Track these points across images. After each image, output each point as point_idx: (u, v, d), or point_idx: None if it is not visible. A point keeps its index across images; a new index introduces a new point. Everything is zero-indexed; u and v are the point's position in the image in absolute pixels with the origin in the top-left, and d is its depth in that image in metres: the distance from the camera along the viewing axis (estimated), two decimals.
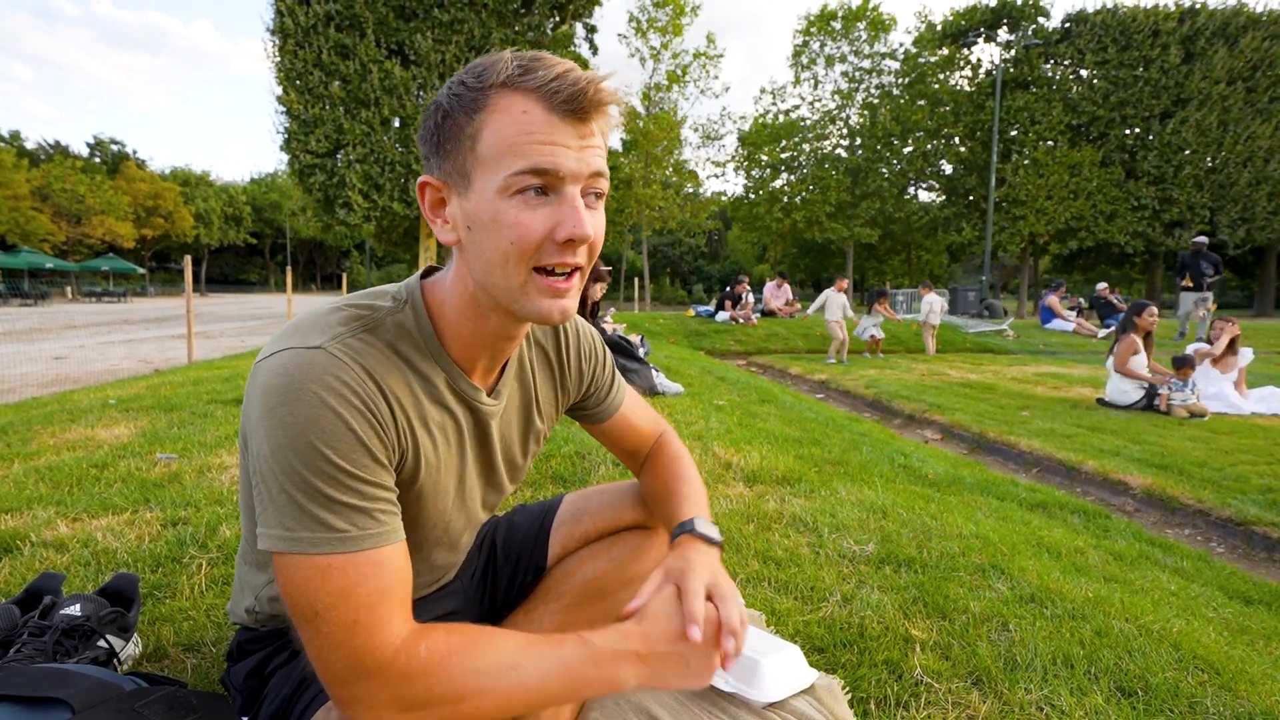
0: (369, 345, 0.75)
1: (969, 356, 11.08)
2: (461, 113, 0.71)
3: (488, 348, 0.84)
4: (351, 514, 0.68)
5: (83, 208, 37.29)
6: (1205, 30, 23.66)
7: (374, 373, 0.73)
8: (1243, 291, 40.76)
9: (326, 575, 0.67)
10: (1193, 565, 2.56)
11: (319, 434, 0.67)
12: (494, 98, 0.70)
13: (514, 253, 0.70)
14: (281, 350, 0.71)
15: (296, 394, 0.67)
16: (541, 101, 0.69)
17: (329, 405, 0.68)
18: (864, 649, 1.33)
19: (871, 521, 2.15)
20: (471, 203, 0.72)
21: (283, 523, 0.67)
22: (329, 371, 0.69)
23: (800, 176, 29.82)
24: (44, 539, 1.81)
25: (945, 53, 27.42)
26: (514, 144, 0.69)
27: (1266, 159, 24.07)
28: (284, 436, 0.67)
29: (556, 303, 0.74)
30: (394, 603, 0.69)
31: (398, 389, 0.76)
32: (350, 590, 0.67)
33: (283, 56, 15.60)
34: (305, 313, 0.78)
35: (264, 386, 0.69)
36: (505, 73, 0.70)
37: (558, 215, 0.70)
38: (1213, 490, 3.59)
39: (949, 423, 5.44)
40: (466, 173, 0.72)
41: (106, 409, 3.77)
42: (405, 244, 21.10)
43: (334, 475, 0.67)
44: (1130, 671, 1.31)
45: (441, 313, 0.82)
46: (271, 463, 0.68)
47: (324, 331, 0.73)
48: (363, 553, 0.68)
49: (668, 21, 26.56)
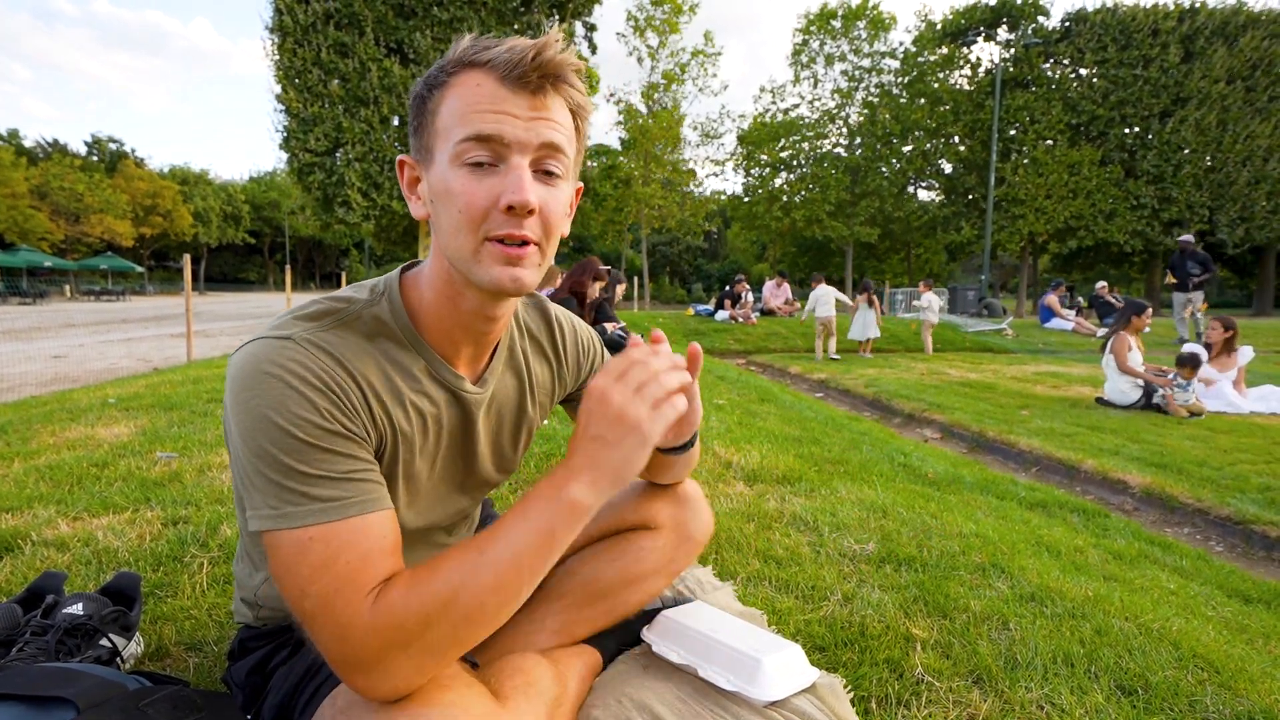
0: (341, 338, 0.76)
1: (968, 355, 11.09)
2: (427, 91, 0.75)
3: (469, 330, 0.84)
4: (324, 485, 0.69)
5: (81, 206, 37.23)
6: (1205, 29, 23.67)
7: (344, 361, 0.75)
8: (1241, 291, 40.82)
9: (308, 548, 0.67)
10: (1192, 564, 2.57)
11: (282, 412, 0.68)
12: (454, 74, 0.74)
13: (463, 220, 0.72)
14: (251, 341, 0.73)
15: (260, 377, 0.69)
16: (493, 74, 0.72)
17: (291, 385, 0.69)
18: (865, 648, 1.34)
19: (872, 520, 2.16)
20: (433, 175, 0.75)
21: (266, 501, 0.69)
22: (291, 357, 0.71)
23: (800, 175, 29.79)
24: (45, 538, 1.81)
25: (945, 52, 27.41)
26: (463, 114, 0.71)
27: (1265, 158, 24.08)
28: (250, 418, 0.69)
29: (508, 270, 0.74)
30: (374, 569, 0.68)
31: (372, 377, 0.77)
32: (330, 561, 0.67)
33: (282, 55, 15.59)
34: (290, 309, 0.80)
35: (232, 375, 0.71)
36: (464, 51, 0.74)
37: (502, 184, 0.71)
38: (1211, 489, 3.60)
39: (948, 422, 5.44)
40: (429, 147, 0.75)
41: (106, 408, 3.77)
42: (404, 243, 21.09)
43: (301, 452, 0.68)
44: (1130, 670, 1.31)
45: (420, 300, 0.83)
46: (243, 446, 0.69)
47: (295, 324, 0.75)
48: (342, 522, 0.69)
49: (665, 20, 26.53)
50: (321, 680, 0.84)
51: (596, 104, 19.73)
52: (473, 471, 0.95)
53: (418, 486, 0.87)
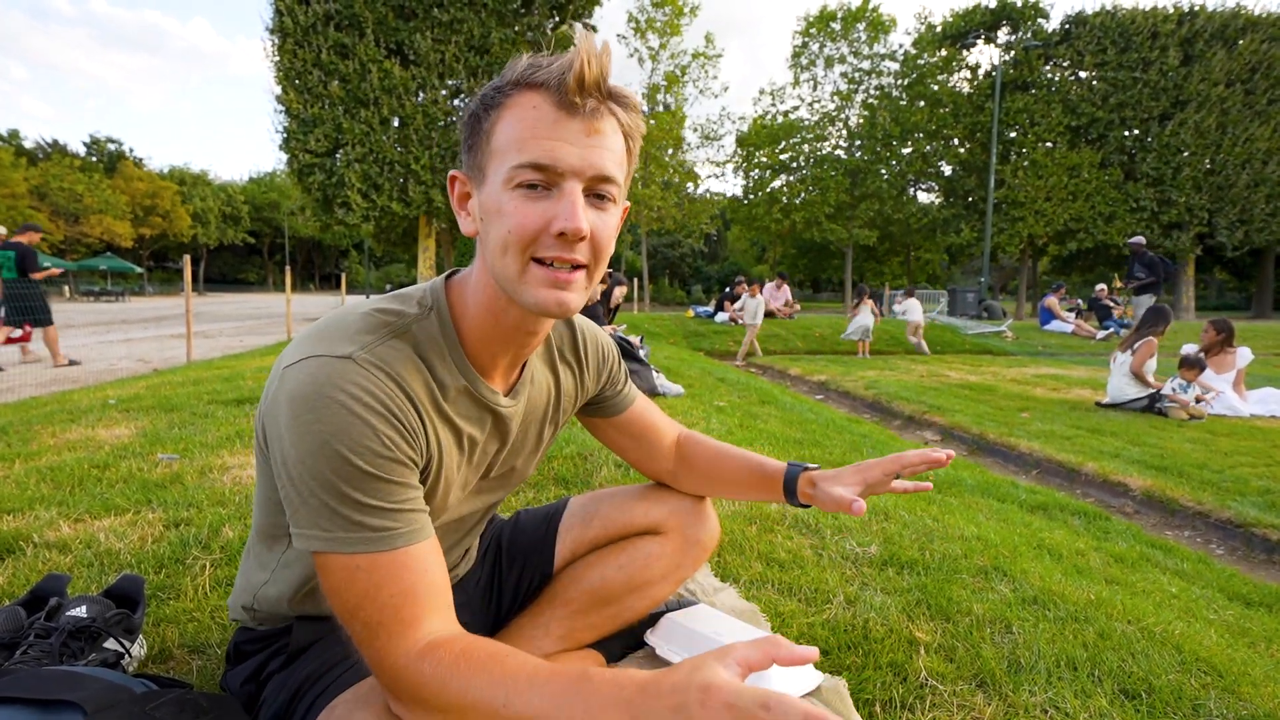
0: (396, 352, 0.76)
1: (968, 358, 11.09)
2: (483, 111, 0.75)
3: (511, 343, 0.85)
4: (378, 515, 0.70)
5: (80, 207, 37.22)
6: (1204, 32, 23.70)
7: (401, 380, 0.75)
8: (1241, 294, 40.84)
9: (355, 576, 0.69)
10: (1193, 567, 2.57)
11: (345, 441, 0.68)
12: (510, 95, 0.73)
13: (512, 241, 0.72)
14: (309, 357, 0.72)
15: (324, 402, 0.69)
16: (549, 97, 0.72)
17: (356, 414, 0.69)
18: (868, 651, 1.34)
19: (874, 523, 2.16)
20: (484, 194, 0.75)
21: (318, 524, 0.69)
22: (355, 382, 0.71)
23: (799, 177, 29.83)
24: (46, 540, 1.81)
25: (945, 54, 27.45)
26: (519, 138, 0.71)
27: (1265, 161, 24.11)
28: (312, 443, 0.68)
29: (554, 294, 0.74)
30: (418, 607, 0.70)
31: (422, 395, 0.78)
32: (375, 591, 0.69)
33: (282, 56, 15.60)
34: (332, 316, 0.79)
35: (291, 394, 0.70)
36: (520, 71, 0.74)
37: (555, 209, 0.71)
38: (1212, 492, 3.60)
39: (949, 424, 5.44)
40: (482, 166, 0.75)
41: (107, 409, 3.76)
42: (404, 244, 21.09)
43: (361, 481, 0.69)
44: (1134, 674, 1.31)
45: (465, 313, 0.83)
46: (300, 468, 0.69)
47: (352, 340, 0.74)
48: (389, 553, 0.70)
49: (665, 21, 26.57)
50: (319, 692, 0.85)
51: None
52: (489, 479, 0.96)
53: (447, 500, 0.88)
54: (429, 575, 0.72)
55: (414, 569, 0.71)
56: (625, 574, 1.13)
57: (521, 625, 1.16)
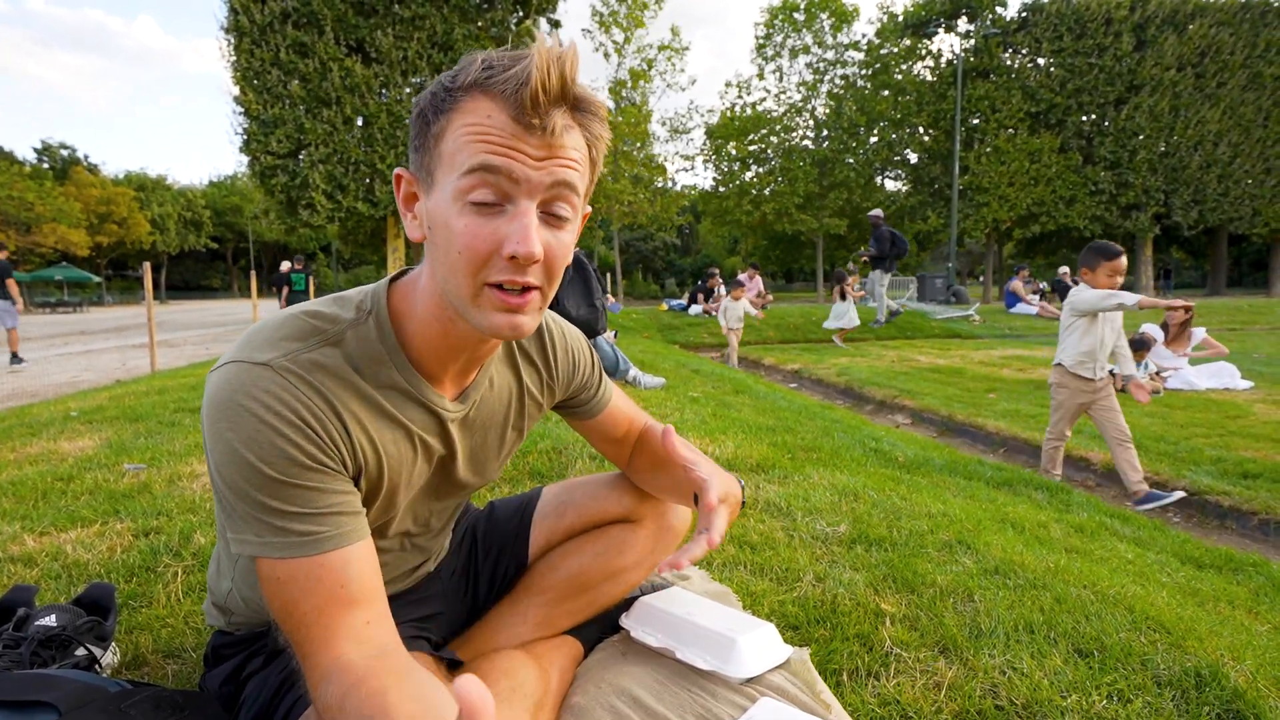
0: (322, 362, 0.74)
1: (937, 342, 11.31)
2: (432, 112, 0.70)
3: (462, 351, 0.82)
4: (300, 520, 0.70)
5: (32, 215, 35.95)
6: (1155, 18, 24.36)
7: (325, 390, 0.73)
8: (1197, 272, 42.14)
9: (284, 581, 0.70)
10: (1149, 534, 2.67)
11: (254, 449, 0.68)
12: (461, 99, 0.69)
13: (462, 264, 0.69)
14: (229, 363, 0.71)
15: (235, 409, 0.68)
16: (506, 106, 0.66)
17: (266, 421, 0.68)
18: (836, 624, 1.38)
19: (843, 504, 2.21)
20: (433, 202, 0.71)
21: (248, 528, 0.70)
22: (268, 390, 0.69)
23: (769, 169, 30.01)
24: (10, 554, 1.78)
25: (907, 43, 27.81)
26: (470, 145, 0.67)
27: (1215, 143, 24.91)
28: (225, 450, 0.68)
29: (508, 318, 0.71)
30: (346, 612, 0.70)
31: (354, 404, 0.76)
32: (302, 596, 0.69)
33: (238, 55, 15.24)
34: (263, 322, 0.77)
35: (208, 399, 0.71)
36: (474, 73, 0.68)
37: (507, 229, 0.68)
38: (1169, 463, 3.74)
39: (918, 407, 5.56)
40: (431, 170, 0.71)
41: (69, 421, 3.68)
42: (372, 245, 20.79)
43: (275, 489, 0.69)
44: (1087, 634, 1.38)
45: (410, 318, 0.80)
46: (217, 475, 0.70)
47: (275, 346, 0.72)
48: (318, 557, 0.70)
49: (629, 14, 26.47)
50: (301, 692, 0.84)
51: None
52: (449, 481, 0.94)
53: (396, 500, 0.86)
54: (361, 577, 0.72)
55: (346, 570, 0.71)
56: (601, 561, 1.15)
57: (500, 614, 1.17)
